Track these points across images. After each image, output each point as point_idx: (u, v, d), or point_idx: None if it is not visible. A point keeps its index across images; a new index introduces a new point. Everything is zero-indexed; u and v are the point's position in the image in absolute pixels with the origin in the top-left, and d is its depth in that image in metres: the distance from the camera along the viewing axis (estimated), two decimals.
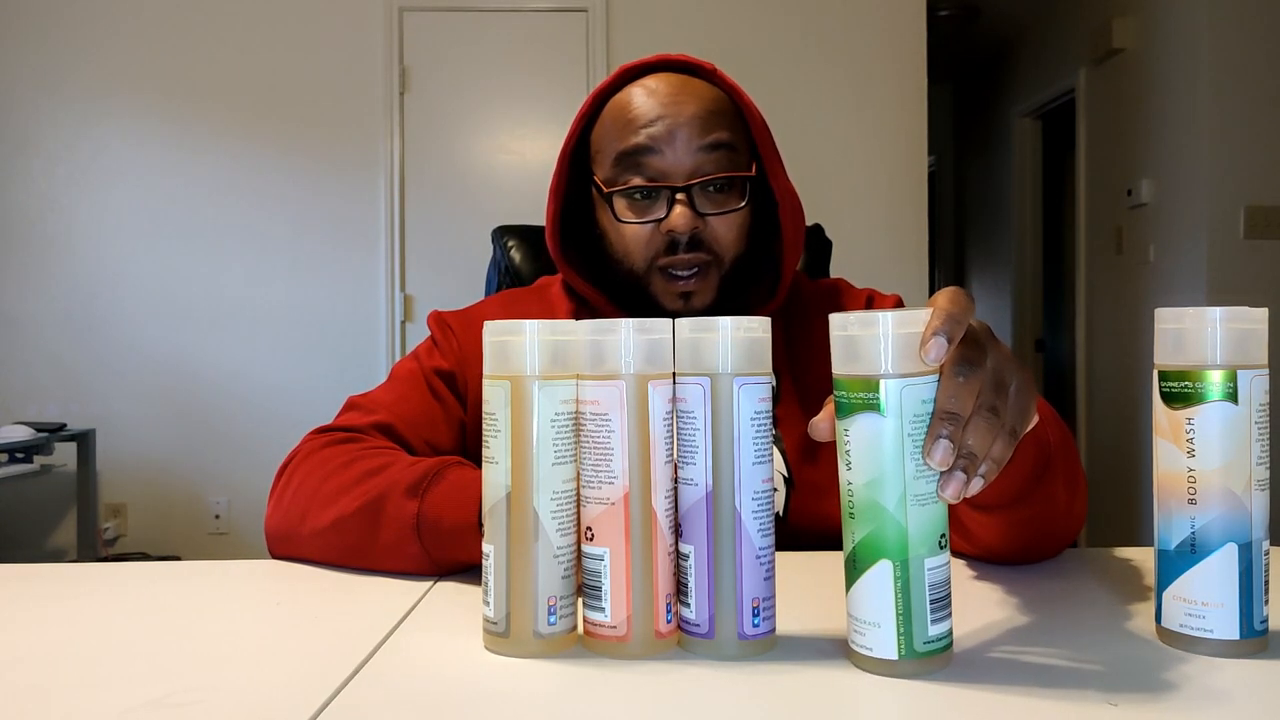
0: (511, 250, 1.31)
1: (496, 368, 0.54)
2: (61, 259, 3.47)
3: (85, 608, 0.67)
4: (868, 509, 0.50)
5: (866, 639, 0.51)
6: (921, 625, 0.50)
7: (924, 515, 0.50)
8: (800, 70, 3.51)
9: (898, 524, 0.49)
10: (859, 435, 0.50)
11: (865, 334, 0.49)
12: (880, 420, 0.49)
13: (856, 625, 0.51)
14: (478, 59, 3.50)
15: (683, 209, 0.88)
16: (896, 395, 0.49)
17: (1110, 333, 3.97)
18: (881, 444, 0.49)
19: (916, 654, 0.50)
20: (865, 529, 0.50)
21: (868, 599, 0.50)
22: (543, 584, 0.54)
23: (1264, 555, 0.54)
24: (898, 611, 0.49)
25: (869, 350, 0.49)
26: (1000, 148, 5.19)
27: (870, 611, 0.50)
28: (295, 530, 0.81)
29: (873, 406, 0.49)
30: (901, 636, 0.50)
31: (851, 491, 0.50)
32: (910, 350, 0.49)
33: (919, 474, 0.49)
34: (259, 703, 0.48)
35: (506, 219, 1.56)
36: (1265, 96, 3.19)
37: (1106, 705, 0.46)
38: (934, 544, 0.50)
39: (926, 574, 0.50)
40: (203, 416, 3.48)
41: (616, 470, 0.53)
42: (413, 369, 0.96)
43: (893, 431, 0.49)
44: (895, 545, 0.49)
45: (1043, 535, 0.74)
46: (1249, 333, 0.53)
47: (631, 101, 0.91)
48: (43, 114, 3.47)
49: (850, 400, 0.50)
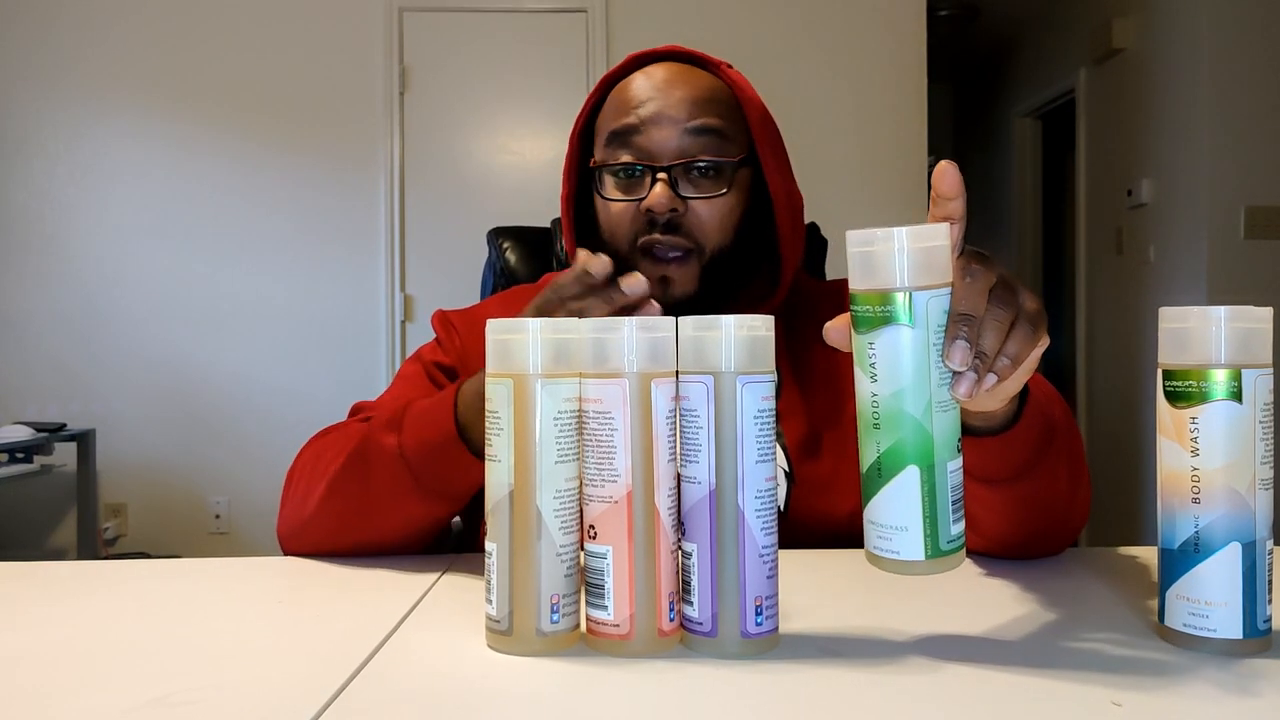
0: (507, 252, 1.31)
1: (499, 366, 0.54)
2: (61, 259, 3.47)
3: (85, 607, 0.67)
4: (893, 418, 0.51)
5: (893, 543, 0.52)
6: (945, 525, 0.51)
7: (946, 421, 0.52)
8: (800, 70, 3.51)
9: (924, 430, 0.51)
10: (885, 347, 0.51)
11: (885, 249, 0.51)
12: (907, 331, 0.51)
13: (881, 531, 0.52)
14: (478, 59, 3.50)
15: (663, 187, 0.88)
16: (924, 306, 0.51)
17: (1110, 333, 3.97)
18: (909, 354, 0.51)
19: (941, 552, 0.51)
20: (892, 437, 0.51)
21: (894, 504, 0.51)
22: (545, 582, 0.54)
23: (1267, 555, 0.54)
24: (925, 514, 0.51)
25: (892, 264, 0.51)
26: (1000, 148, 5.19)
27: (897, 516, 0.51)
28: (301, 519, 0.81)
29: (898, 319, 0.51)
30: (928, 538, 0.51)
31: (876, 402, 0.52)
32: (931, 263, 0.51)
33: (942, 382, 0.51)
34: (261, 701, 0.48)
35: (506, 219, 1.55)
36: (1265, 96, 3.19)
37: (1110, 705, 0.46)
38: (954, 448, 0.52)
39: (949, 476, 0.52)
40: (203, 417, 3.48)
41: (619, 468, 0.53)
42: (416, 369, 0.97)
43: (919, 341, 0.51)
44: (922, 451, 0.51)
45: (1045, 521, 0.74)
46: (1253, 332, 0.53)
47: (630, 85, 0.93)
48: (43, 114, 3.47)
49: (874, 313, 0.51)
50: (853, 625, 0.60)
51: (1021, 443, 0.67)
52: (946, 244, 0.52)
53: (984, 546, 0.78)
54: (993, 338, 0.52)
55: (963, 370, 0.51)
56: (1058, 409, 0.72)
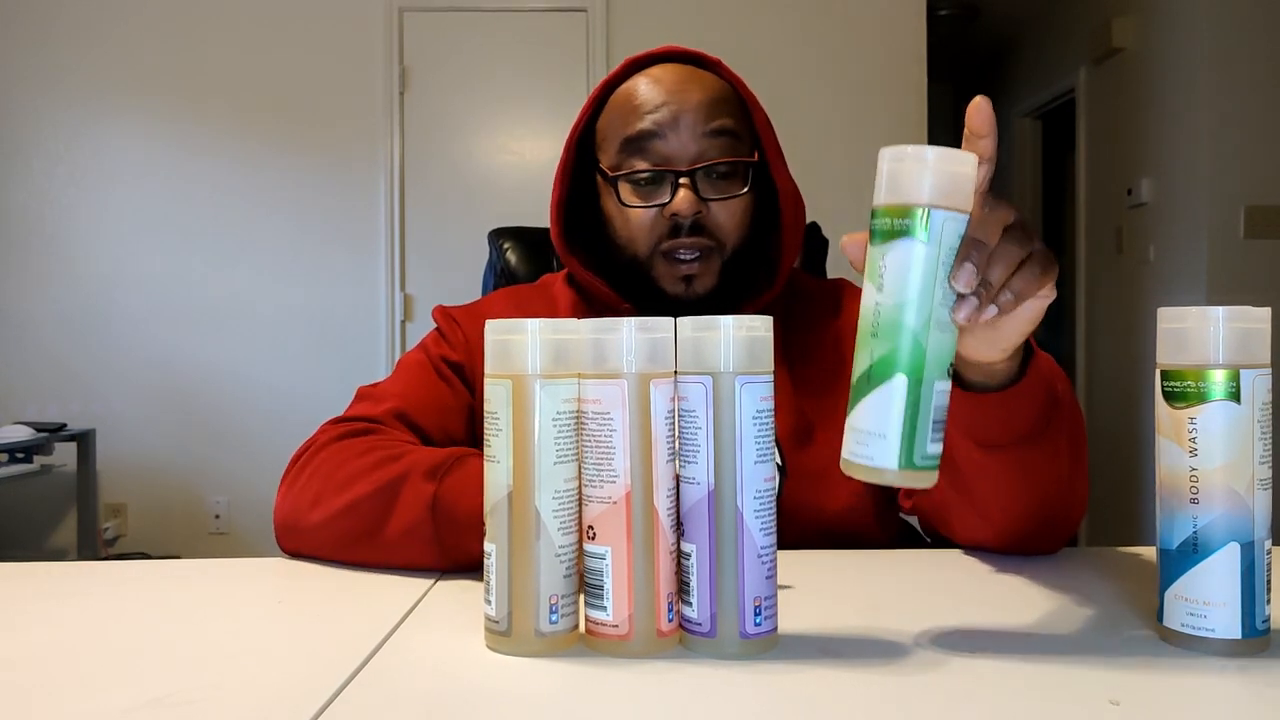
0: (507, 252, 1.32)
1: (498, 367, 0.54)
2: (61, 259, 3.47)
3: (85, 607, 0.67)
4: (892, 327, 0.52)
5: (868, 449, 0.52)
6: (923, 441, 0.52)
7: (941, 341, 0.52)
8: (800, 70, 3.51)
9: (918, 344, 0.51)
10: (895, 259, 0.52)
11: (913, 166, 0.51)
12: (920, 246, 0.51)
13: (859, 437, 0.52)
14: (478, 59, 3.50)
15: (686, 192, 0.89)
16: (939, 225, 0.51)
17: (1110, 333, 3.97)
18: (917, 268, 0.51)
19: (913, 466, 0.52)
20: (886, 346, 0.52)
21: (877, 411, 0.52)
22: (544, 583, 0.54)
23: (1266, 555, 0.54)
24: (904, 425, 0.51)
25: (916, 181, 0.51)
26: (1000, 148, 5.16)
27: (877, 423, 0.52)
28: (303, 518, 0.80)
29: (913, 233, 0.51)
30: (904, 449, 0.51)
31: (879, 312, 0.52)
32: (954, 187, 0.51)
33: (944, 301, 0.52)
34: (261, 702, 0.48)
35: (506, 218, 1.55)
36: (1265, 96, 3.19)
37: (1108, 704, 0.46)
38: (945, 369, 0.53)
39: (935, 395, 0.52)
40: (203, 417, 3.48)
41: (618, 469, 0.53)
42: (420, 359, 0.96)
43: (929, 258, 0.51)
44: (913, 363, 0.51)
45: (1046, 504, 0.74)
46: (1252, 332, 0.53)
47: (637, 89, 0.92)
48: (43, 114, 3.47)
49: (891, 226, 0.52)
50: (852, 625, 0.60)
51: (1021, 406, 0.67)
52: (972, 171, 0.53)
53: (986, 537, 0.78)
54: (1000, 269, 0.54)
55: (966, 293, 0.52)
56: (1061, 385, 0.72)
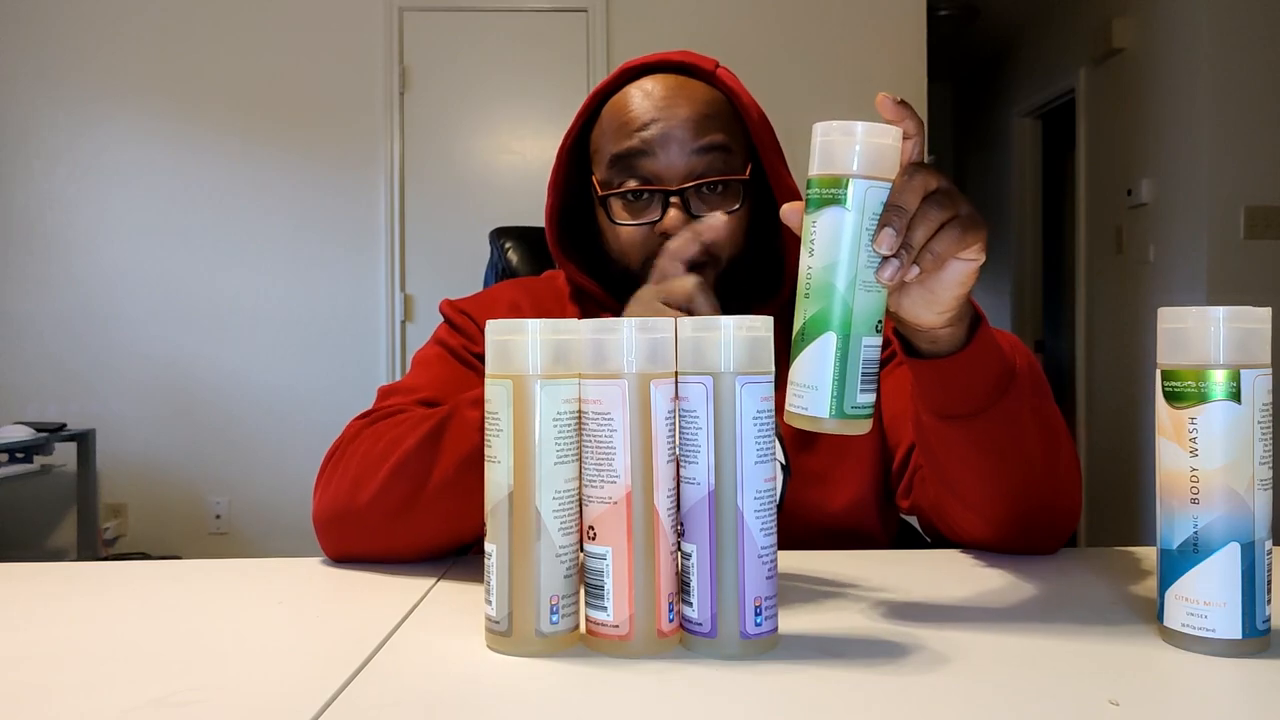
0: (509, 251, 1.33)
1: (499, 367, 0.54)
2: (61, 259, 3.47)
3: (85, 607, 0.67)
4: (821, 289, 0.57)
5: (804, 400, 0.57)
6: (853, 392, 0.57)
7: (868, 300, 0.57)
8: (800, 70, 3.51)
9: (845, 303, 0.56)
10: (824, 225, 0.57)
11: (840, 140, 0.57)
12: (844, 213, 0.57)
13: (796, 390, 0.58)
14: (478, 59, 3.50)
15: (676, 212, 0.88)
16: (862, 194, 0.56)
17: (1110, 333, 3.97)
18: (842, 233, 0.57)
19: (844, 415, 0.57)
20: (817, 306, 0.57)
21: (810, 365, 0.57)
22: (545, 583, 0.54)
23: (1266, 555, 0.54)
24: (834, 377, 0.56)
25: (842, 153, 0.57)
26: (1000, 148, 5.19)
27: (810, 376, 0.57)
28: (347, 504, 0.78)
29: (839, 201, 0.56)
30: (834, 398, 0.56)
31: (810, 275, 0.57)
32: (878, 158, 0.57)
33: (869, 264, 0.57)
34: (261, 702, 0.48)
35: (506, 219, 1.56)
36: (1265, 96, 3.19)
37: (1108, 704, 0.46)
38: (872, 327, 0.57)
39: (863, 350, 0.57)
40: (203, 416, 3.48)
41: (619, 469, 0.53)
42: (439, 352, 0.95)
43: (853, 224, 0.57)
44: (841, 321, 0.56)
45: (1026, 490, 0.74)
46: (1252, 332, 0.53)
47: (628, 104, 0.92)
48: (43, 114, 3.47)
49: (821, 195, 0.57)
50: (852, 625, 0.60)
51: (971, 373, 0.68)
52: (896, 144, 0.58)
53: (980, 531, 0.78)
54: (921, 232, 0.57)
55: (888, 255, 0.57)
56: (1022, 360, 0.73)
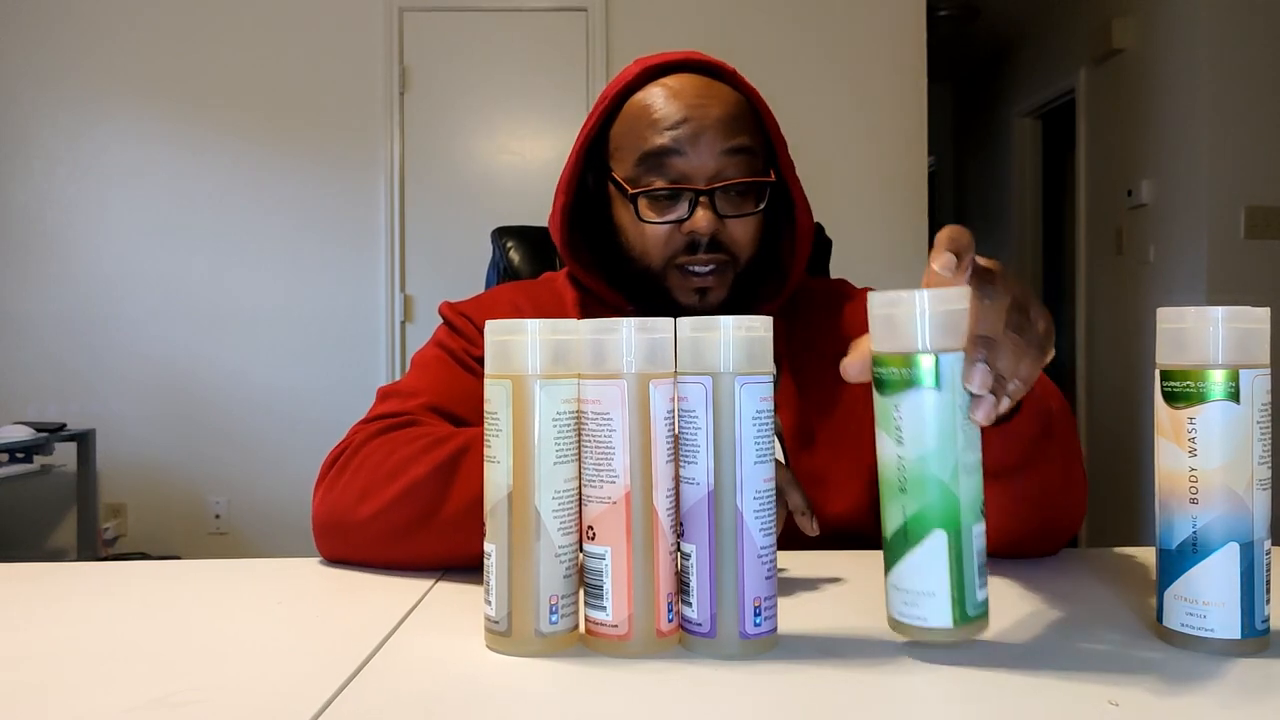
0: (510, 251, 1.33)
1: (498, 367, 0.54)
2: (61, 259, 3.47)
3: (85, 608, 0.67)
4: (920, 482, 0.51)
5: (920, 609, 0.51)
6: (972, 591, 0.51)
7: (972, 484, 0.52)
8: (800, 70, 3.50)
9: (951, 494, 0.51)
10: (910, 410, 0.51)
11: (906, 311, 0.51)
12: (934, 394, 0.51)
13: (907, 598, 0.52)
14: (478, 59, 3.50)
15: (705, 211, 0.89)
16: (949, 369, 0.51)
17: (1110, 333, 3.97)
18: (935, 417, 0.51)
19: (968, 619, 0.51)
20: (919, 502, 0.51)
21: (921, 570, 0.51)
22: (544, 583, 0.54)
23: (1265, 555, 0.54)
24: (952, 579, 0.51)
25: (917, 328, 0.51)
26: (1000, 148, 5.19)
27: (924, 582, 0.51)
28: (349, 515, 0.77)
29: (925, 383, 0.51)
30: (956, 604, 0.51)
31: (903, 466, 0.51)
32: (956, 326, 0.51)
33: (969, 445, 0.51)
34: (261, 702, 0.48)
35: (506, 219, 1.56)
36: (1265, 96, 3.19)
37: (1107, 704, 0.46)
38: (979, 511, 0.52)
39: (974, 540, 0.52)
40: (203, 416, 3.48)
41: (618, 469, 0.53)
42: (439, 354, 0.95)
43: (946, 404, 0.51)
44: (949, 515, 0.51)
45: (1041, 515, 0.75)
46: (1251, 332, 0.53)
47: (656, 101, 0.92)
48: (43, 114, 3.47)
49: (900, 376, 0.51)
50: (851, 625, 0.60)
51: (1019, 436, 0.67)
52: (966, 307, 0.52)
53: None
54: (1009, 361, 0.53)
55: (981, 394, 0.51)
56: (1055, 401, 0.73)
